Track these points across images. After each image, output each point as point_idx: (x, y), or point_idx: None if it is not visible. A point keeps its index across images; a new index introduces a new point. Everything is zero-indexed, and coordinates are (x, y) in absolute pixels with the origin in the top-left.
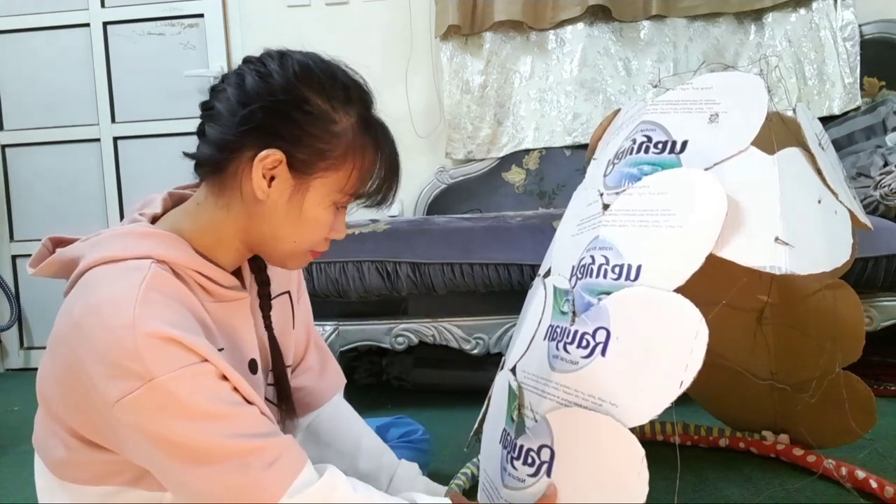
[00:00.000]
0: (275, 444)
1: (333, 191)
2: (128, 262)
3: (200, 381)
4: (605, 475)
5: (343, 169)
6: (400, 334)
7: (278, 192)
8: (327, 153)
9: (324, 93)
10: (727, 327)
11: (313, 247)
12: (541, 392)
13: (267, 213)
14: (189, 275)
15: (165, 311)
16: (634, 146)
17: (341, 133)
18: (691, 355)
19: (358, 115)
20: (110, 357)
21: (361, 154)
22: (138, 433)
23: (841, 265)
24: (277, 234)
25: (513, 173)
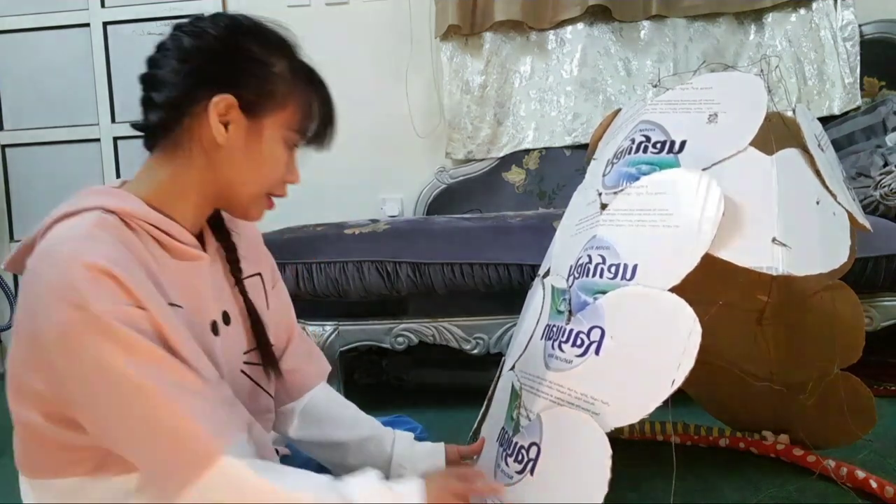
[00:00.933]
0: (211, 397)
1: (283, 128)
2: (79, 213)
3: (132, 322)
4: (575, 472)
5: (288, 107)
6: (400, 334)
7: (235, 135)
8: (272, 92)
9: (256, 40)
10: (727, 327)
11: (272, 189)
12: (535, 391)
13: (227, 158)
14: (142, 227)
15: (108, 249)
16: (633, 146)
17: (279, 74)
18: (684, 355)
19: (288, 60)
20: (53, 290)
21: (300, 92)
22: (73, 366)
23: (839, 267)
24: (240, 178)
25: (513, 173)
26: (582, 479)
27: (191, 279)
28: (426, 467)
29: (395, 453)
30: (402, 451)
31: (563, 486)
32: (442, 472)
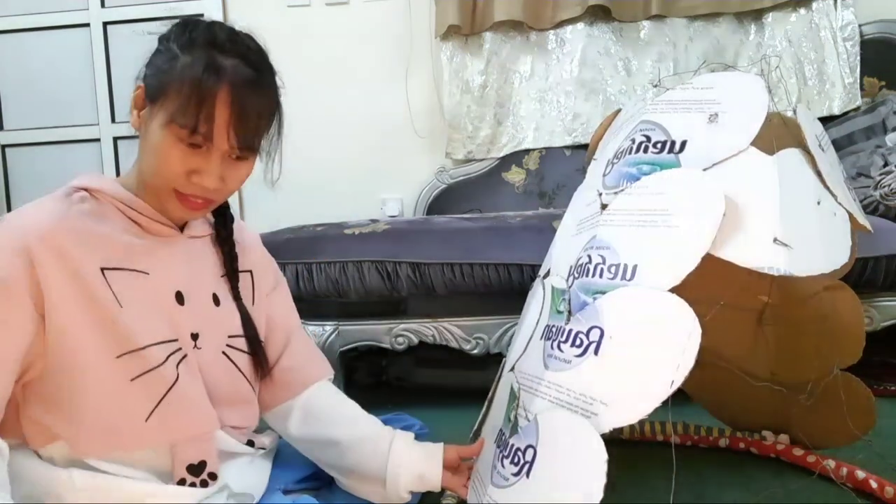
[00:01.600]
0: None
1: (169, 118)
2: (56, 192)
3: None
4: (571, 475)
5: (170, 96)
6: (400, 334)
7: (142, 119)
8: (164, 81)
9: (177, 38)
10: (727, 327)
11: (172, 183)
12: (534, 391)
13: (140, 145)
14: (112, 203)
15: (44, 215)
16: (633, 146)
17: (179, 67)
18: (683, 355)
19: (198, 56)
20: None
21: (181, 84)
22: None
23: (840, 267)
24: (143, 166)
25: (513, 173)
26: (578, 483)
27: (161, 253)
28: (423, 468)
29: (392, 453)
30: (400, 451)
31: (559, 488)
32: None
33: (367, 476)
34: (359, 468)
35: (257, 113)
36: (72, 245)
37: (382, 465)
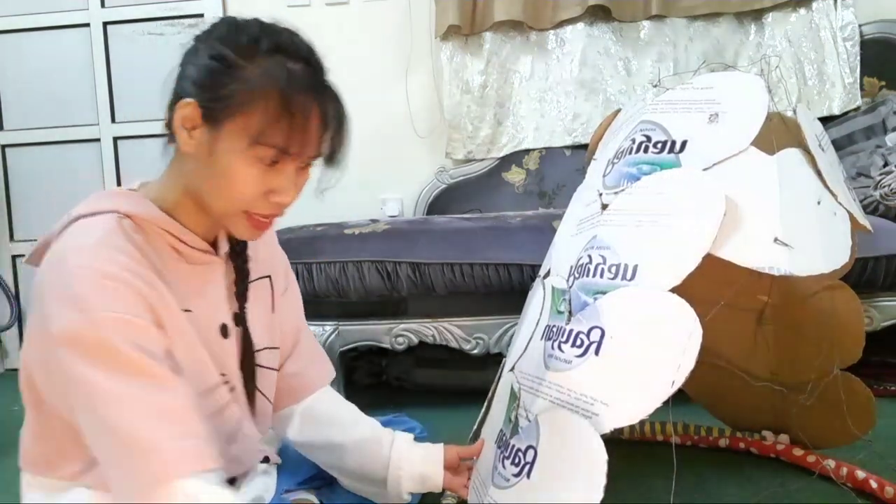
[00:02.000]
0: (189, 421)
1: (242, 139)
2: (95, 216)
3: (131, 331)
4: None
5: (245, 115)
6: (400, 334)
7: (199, 142)
8: (229, 99)
9: (232, 41)
10: (727, 327)
11: (246, 206)
12: (535, 391)
13: (193, 165)
14: (155, 231)
15: (122, 257)
16: (634, 146)
17: (245, 79)
18: (684, 355)
19: (269, 64)
20: (64, 294)
21: (264, 100)
22: (69, 368)
23: (840, 267)
24: (205, 188)
25: (513, 173)
26: (578, 483)
27: (202, 283)
28: (423, 469)
29: (393, 455)
30: (400, 452)
31: (560, 489)
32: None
33: (368, 478)
34: (360, 470)
35: (344, 117)
36: (151, 287)
37: (383, 467)
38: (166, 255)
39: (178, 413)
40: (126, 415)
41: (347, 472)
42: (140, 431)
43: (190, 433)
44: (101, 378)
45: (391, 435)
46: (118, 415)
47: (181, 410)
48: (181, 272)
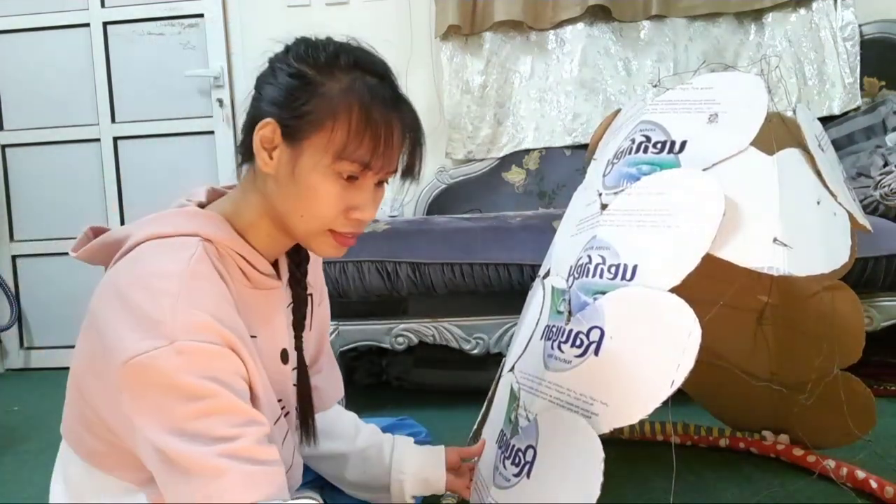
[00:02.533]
0: (262, 454)
1: (324, 154)
2: (176, 238)
3: (214, 363)
4: (569, 475)
5: (328, 129)
6: (400, 334)
7: (280, 162)
8: (310, 114)
9: (310, 59)
10: (727, 327)
11: (329, 224)
12: (534, 391)
13: (276, 188)
14: (231, 256)
15: (209, 293)
16: (633, 146)
17: (325, 94)
18: (684, 355)
19: (349, 80)
20: (146, 320)
21: (347, 114)
22: (140, 393)
23: (840, 267)
24: (287, 209)
25: (513, 173)
26: (576, 483)
27: (266, 309)
28: (425, 472)
29: (395, 460)
30: (401, 457)
31: (558, 489)
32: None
33: (371, 485)
34: (363, 478)
35: (421, 131)
36: (233, 318)
37: (385, 474)
38: (238, 281)
39: (251, 447)
40: (188, 463)
41: (350, 481)
42: (206, 487)
43: (260, 461)
44: (175, 406)
45: (391, 440)
46: (181, 461)
47: (255, 444)
48: (249, 298)
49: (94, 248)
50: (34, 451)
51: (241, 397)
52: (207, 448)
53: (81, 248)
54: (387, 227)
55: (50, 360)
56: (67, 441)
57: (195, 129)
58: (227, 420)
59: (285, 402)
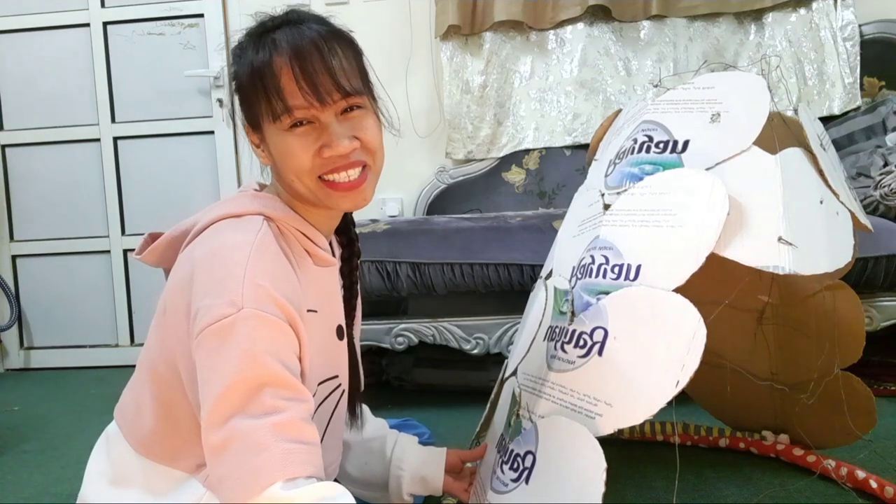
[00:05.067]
0: (304, 433)
1: (268, 123)
2: (244, 216)
3: (275, 334)
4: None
5: (255, 104)
6: (400, 334)
7: (266, 151)
8: (244, 102)
9: (234, 56)
10: (727, 327)
11: (314, 171)
12: (537, 392)
13: (276, 170)
14: (293, 233)
15: (273, 266)
16: (636, 146)
17: (240, 78)
18: (688, 355)
19: (248, 53)
20: (220, 288)
21: (250, 83)
22: (206, 357)
23: (842, 266)
24: (285, 181)
25: (513, 173)
26: (576, 490)
27: (325, 285)
28: (424, 471)
29: (395, 455)
30: (401, 453)
31: (558, 496)
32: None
33: (370, 482)
34: (363, 471)
35: (322, 58)
36: (295, 293)
37: (385, 468)
38: (301, 257)
39: (295, 422)
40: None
41: (351, 474)
42: (251, 436)
43: (300, 440)
44: (232, 371)
45: (395, 436)
46: (235, 417)
47: (299, 420)
48: (311, 274)
49: (162, 246)
50: (34, 451)
51: (293, 372)
52: (252, 421)
53: (145, 251)
54: (387, 227)
55: (50, 360)
56: (120, 426)
57: (195, 129)
58: (276, 392)
59: (341, 379)
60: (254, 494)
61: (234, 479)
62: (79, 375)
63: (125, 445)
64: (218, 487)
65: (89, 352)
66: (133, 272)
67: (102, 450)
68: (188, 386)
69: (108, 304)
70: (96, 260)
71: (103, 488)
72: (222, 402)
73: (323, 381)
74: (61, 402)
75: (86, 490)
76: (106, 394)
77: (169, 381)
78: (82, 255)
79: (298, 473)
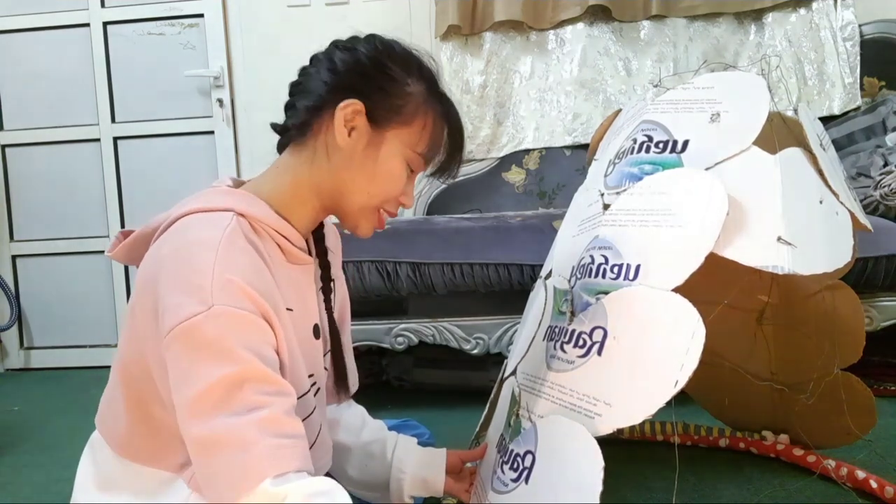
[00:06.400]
0: (290, 426)
1: (405, 146)
2: (213, 212)
3: (250, 330)
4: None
5: (414, 125)
6: (400, 334)
7: (357, 139)
8: (401, 108)
9: (400, 62)
10: (727, 327)
11: (384, 204)
12: (537, 392)
13: (345, 162)
14: (267, 231)
15: (243, 261)
16: (635, 146)
17: (413, 94)
18: (687, 355)
19: (427, 85)
20: (187, 286)
21: (431, 116)
22: (178, 359)
23: (842, 266)
24: (353, 184)
25: (513, 173)
26: (574, 490)
27: (300, 283)
28: (425, 473)
29: (395, 458)
30: (402, 456)
31: (557, 496)
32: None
33: (371, 484)
34: (364, 474)
35: (463, 134)
36: (268, 289)
37: (386, 471)
38: (274, 255)
39: (279, 417)
40: (223, 409)
41: (352, 477)
42: (235, 434)
43: (286, 434)
44: (209, 371)
45: (395, 438)
46: (217, 416)
47: (283, 415)
48: (285, 272)
49: (132, 243)
50: (34, 451)
51: (271, 366)
52: (236, 419)
53: (116, 248)
54: (387, 227)
55: (50, 360)
56: (101, 432)
57: (195, 129)
58: (257, 388)
59: (316, 377)
60: (244, 492)
61: (222, 478)
62: (79, 375)
63: (108, 450)
64: (206, 487)
65: (89, 352)
66: (133, 272)
67: (88, 457)
68: (161, 385)
69: (108, 304)
70: (96, 260)
71: (91, 494)
72: (203, 402)
73: (300, 379)
74: (61, 402)
75: (76, 497)
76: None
77: (141, 382)
78: (82, 255)
79: (287, 468)
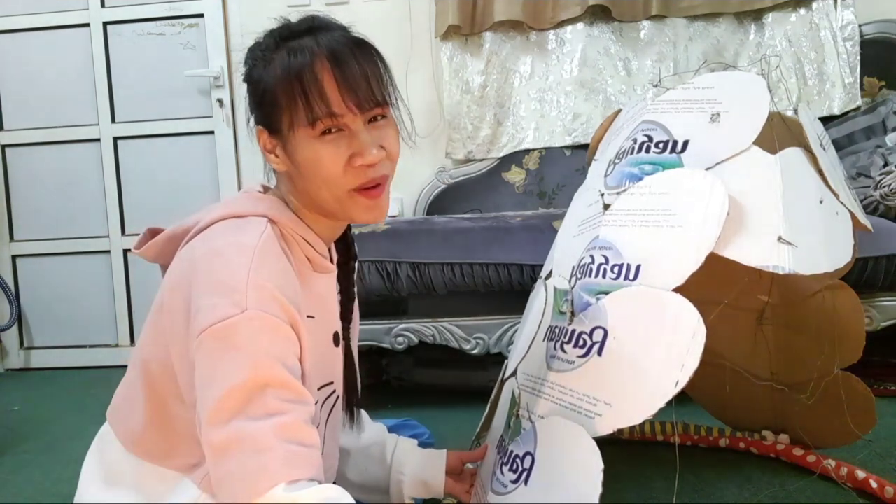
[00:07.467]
0: (306, 435)
1: (298, 128)
2: (248, 217)
3: (278, 337)
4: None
5: (285, 108)
6: (400, 334)
7: (282, 157)
8: (269, 104)
9: (251, 59)
10: (727, 327)
11: (345, 182)
12: (537, 392)
13: (292, 178)
14: (295, 238)
15: (276, 268)
16: (635, 146)
17: (266, 81)
18: (688, 355)
19: (277, 57)
20: (223, 288)
21: (285, 87)
22: (207, 357)
23: (842, 266)
24: (308, 189)
25: (513, 173)
26: (573, 491)
27: (323, 291)
28: (425, 474)
29: (395, 460)
30: (402, 457)
31: (557, 497)
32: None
33: (371, 486)
34: (364, 476)
35: (359, 65)
36: (296, 297)
37: (386, 473)
38: (301, 262)
39: (297, 425)
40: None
41: (352, 480)
42: (253, 439)
43: (303, 443)
44: (235, 373)
45: (395, 440)
46: (237, 419)
47: (301, 423)
48: (310, 279)
49: (162, 241)
50: (34, 451)
51: (294, 374)
52: (255, 423)
53: (144, 245)
54: (387, 227)
55: (50, 360)
56: (112, 425)
57: (195, 129)
58: (278, 394)
59: (336, 385)
60: (256, 496)
61: (236, 480)
62: (79, 375)
63: (117, 445)
64: (219, 488)
65: (89, 352)
66: (133, 272)
67: (96, 451)
68: (184, 384)
69: (108, 303)
70: (96, 260)
71: (96, 488)
72: (225, 403)
73: (320, 386)
74: (61, 402)
75: (81, 491)
76: (106, 394)
77: (162, 379)
78: (82, 255)
79: (301, 476)
